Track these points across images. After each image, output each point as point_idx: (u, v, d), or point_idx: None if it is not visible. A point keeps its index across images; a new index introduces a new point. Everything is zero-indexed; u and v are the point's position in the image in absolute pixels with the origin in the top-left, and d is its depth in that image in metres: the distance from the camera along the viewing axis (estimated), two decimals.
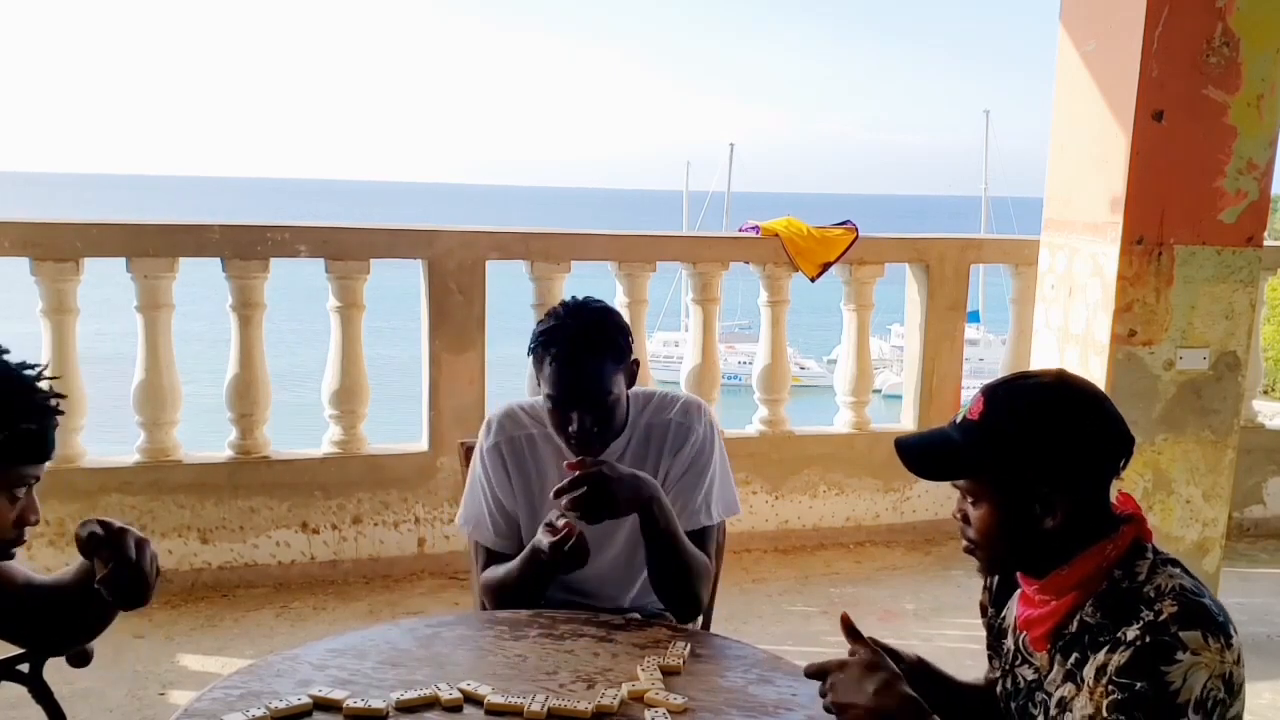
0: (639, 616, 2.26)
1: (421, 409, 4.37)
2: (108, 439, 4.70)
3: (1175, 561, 1.55)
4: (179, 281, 4.11)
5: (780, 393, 4.80)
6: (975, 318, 19.34)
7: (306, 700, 1.72)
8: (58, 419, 1.63)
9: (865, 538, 4.87)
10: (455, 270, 4.29)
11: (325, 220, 7.31)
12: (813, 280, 4.72)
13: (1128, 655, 1.43)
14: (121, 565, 1.64)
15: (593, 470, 2.03)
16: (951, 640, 3.80)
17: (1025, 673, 1.66)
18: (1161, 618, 1.43)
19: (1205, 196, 3.64)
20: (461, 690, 1.77)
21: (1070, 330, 3.91)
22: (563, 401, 2.13)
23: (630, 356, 2.20)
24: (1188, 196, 3.64)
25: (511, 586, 2.21)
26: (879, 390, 9.69)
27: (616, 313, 2.23)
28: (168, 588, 3.61)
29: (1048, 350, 4.01)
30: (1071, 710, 1.52)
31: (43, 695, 1.95)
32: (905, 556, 4.74)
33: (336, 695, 1.73)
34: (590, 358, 2.11)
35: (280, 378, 4.51)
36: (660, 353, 19.88)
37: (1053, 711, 1.56)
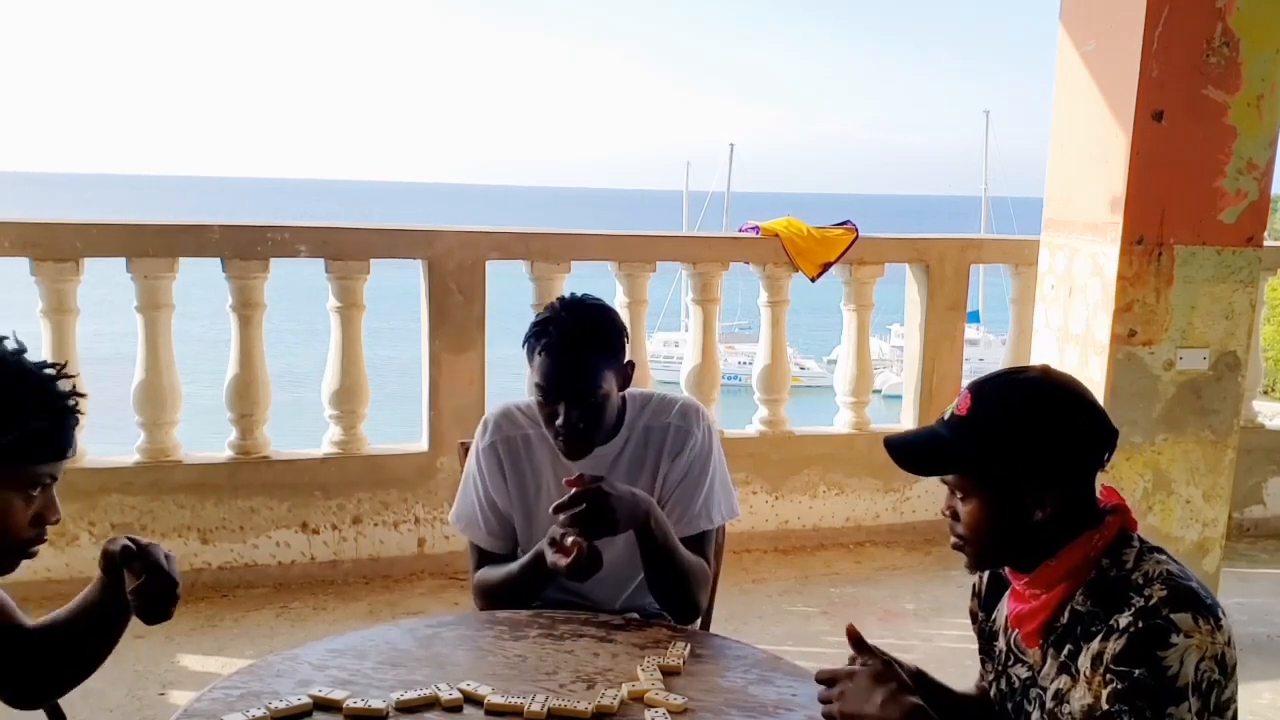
0: (638, 616, 2.26)
1: (421, 409, 4.37)
2: (108, 439, 4.69)
3: (1161, 549, 1.58)
4: (179, 281, 4.11)
5: (780, 393, 4.80)
6: (975, 318, 19.33)
7: (306, 700, 1.72)
8: (78, 418, 1.62)
9: (865, 538, 4.87)
10: (455, 270, 4.29)
11: (325, 220, 7.31)
12: (813, 280, 4.72)
13: (1123, 642, 1.44)
14: (154, 574, 1.67)
15: (592, 488, 2.01)
16: (951, 640, 3.79)
17: (1019, 671, 1.67)
18: (1152, 602, 1.46)
19: (1205, 196, 3.64)
20: (461, 690, 1.77)
21: (1070, 330, 3.91)
22: (550, 392, 2.12)
23: (625, 357, 2.19)
24: (1188, 196, 3.64)
25: (508, 590, 2.21)
26: (879, 390, 9.68)
27: (614, 311, 2.22)
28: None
29: (1048, 350, 4.01)
30: (1069, 701, 1.52)
31: None
32: (905, 556, 4.74)
33: (336, 695, 1.74)
34: (582, 351, 2.10)
35: (280, 378, 4.51)
36: (660, 353, 19.90)
37: (1049, 704, 1.57)
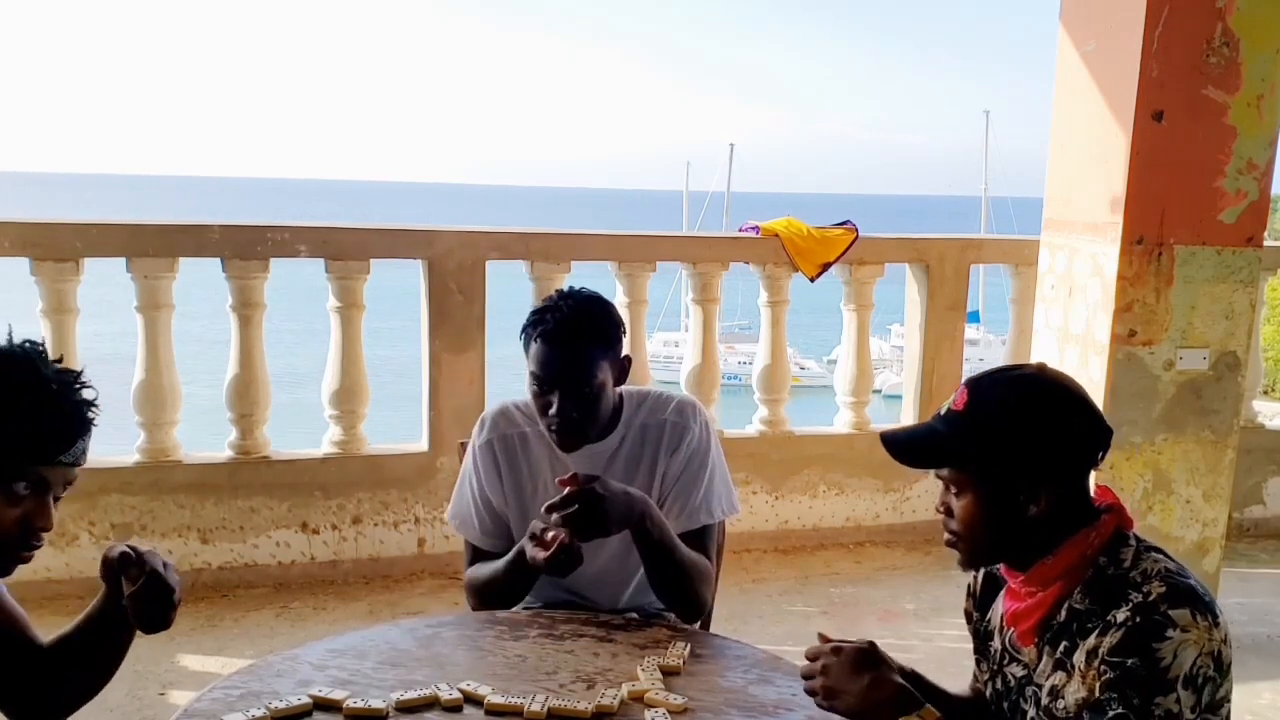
0: (638, 616, 2.26)
1: (421, 409, 4.37)
2: (107, 439, 4.69)
3: (1158, 548, 1.58)
4: (179, 281, 4.11)
5: (780, 393, 4.80)
6: (975, 318, 19.33)
7: (306, 700, 1.72)
8: (87, 426, 1.61)
9: (865, 538, 4.87)
10: (455, 270, 4.29)
11: (325, 220, 7.31)
12: (812, 280, 4.72)
13: (1119, 635, 1.45)
14: (151, 580, 1.66)
15: (585, 488, 2.00)
16: (951, 640, 3.79)
17: (1014, 670, 1.67)
18: (1151, 598, 1.46)
19: (1205, 196, 3.64)
20: (461, 690, 1.77)
21: (1070, 330, 3.91)
22: (545, 381, 2.11)
23: (621, 350, 2.19)
24: (1188, 196, 3.64)
25: (496, 587, 2.21)
26: (879, 390, 9.69)
27: (611, 305, 2.22)
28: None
29: (1048, 350, 4.01)
30: (1064, 696, 1.53)
31: None
32: (905, 556, 4.74)
33: (336, 695, 1.74)
34: (578, 340, 2.10)
35: (280, 378, 4.51)
36: (660, 353, 19.90)
37: (1044, 700, 1.57)
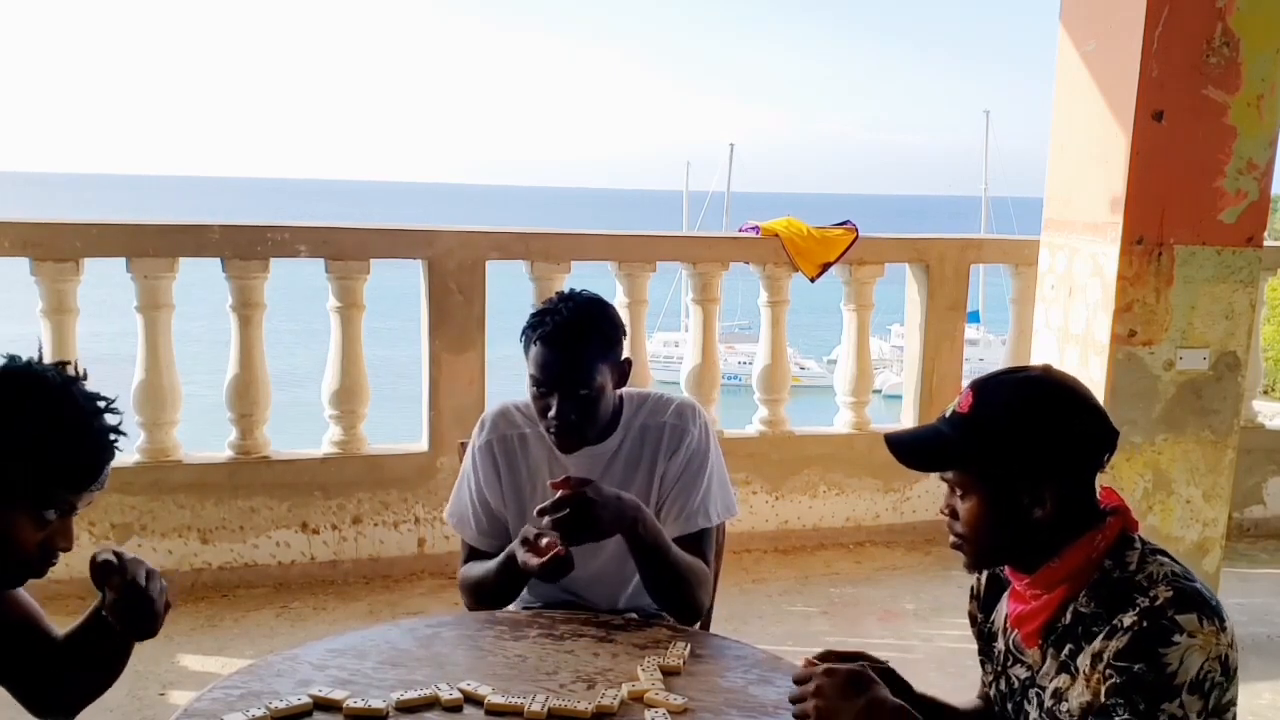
0: (638, 616, 2.25)
1: (421, 409, 4.37)
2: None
3: (1163, 551, 1.58)
4: (179, 281, 4.11)
5: (780, 393, 4.80)
6: (975, 318, 19.33)
7: (306, 700, 1.72)
8: (113, 453, 1.61)
9: (865, 538, 4.87)
10: (455, 270, 4.29)
11: (325, 220, 7.31)
12: (813, 280, 4.72)
13: (1126, 640, 1.45)
14: (130, 589, 1.66)
15: (577, 493, 1.99)
16: (951, 640, 3.79)
17: (1018, 672, 1.66)
18: (1158, 603, 1.46)
19: (1205, 196, 3.64)
20: (461, 690, 1.77)
21: (1070, 330, 3.91)
22: (544, 383, 2.11)
23: (621, 353, 2.19)
24: (1188, 196, 3.63)
25: (487, 588, 2.21)
26: (879, 390, 9.68)
27: (611, 307, 2.22)
28: (168, 588, 3.61)
29: (1048, 350, 4.01)
30: (1067, 699, 1.53)
31: None
32: (905, 556, 4.74)
33: (336, 695, 1.74)
34: (576, 342, 2.10)
35: (280, 378, 4.51)
36: (660, 353, 19.88)
37: (1048, 703, 1.57)
